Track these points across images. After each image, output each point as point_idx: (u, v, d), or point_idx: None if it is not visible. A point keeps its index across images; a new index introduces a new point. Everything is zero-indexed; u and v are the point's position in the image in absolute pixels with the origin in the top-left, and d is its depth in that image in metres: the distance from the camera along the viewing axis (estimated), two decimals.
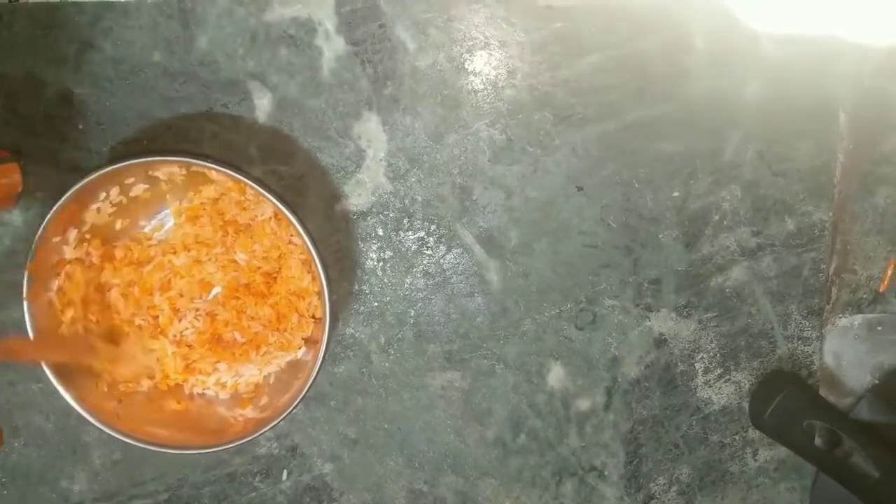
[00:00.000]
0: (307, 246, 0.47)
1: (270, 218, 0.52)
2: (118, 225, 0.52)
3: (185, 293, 0.53)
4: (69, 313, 0.50)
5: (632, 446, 0.59)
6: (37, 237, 0.47)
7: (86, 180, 0.46)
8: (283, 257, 0.53)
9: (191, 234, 0.53)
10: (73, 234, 0.50)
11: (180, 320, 0.53)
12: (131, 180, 0.51)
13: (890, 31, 0.53)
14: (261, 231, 0.52)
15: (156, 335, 0.53)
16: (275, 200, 0.46)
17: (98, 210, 0.51)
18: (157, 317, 0.53)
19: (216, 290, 0.53)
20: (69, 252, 0.50)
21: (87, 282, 0.51)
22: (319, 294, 0.48)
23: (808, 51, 0.53)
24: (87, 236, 0.51)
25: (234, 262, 0.53)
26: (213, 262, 0.53)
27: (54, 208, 0.46)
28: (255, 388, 0.54)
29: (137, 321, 0.53)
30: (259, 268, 0.53)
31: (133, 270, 0.52)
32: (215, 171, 0.49)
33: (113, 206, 0.51)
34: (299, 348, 0.54)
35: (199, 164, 0.48)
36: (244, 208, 0.53)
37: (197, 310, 0.53)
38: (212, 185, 0.52)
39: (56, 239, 0.49)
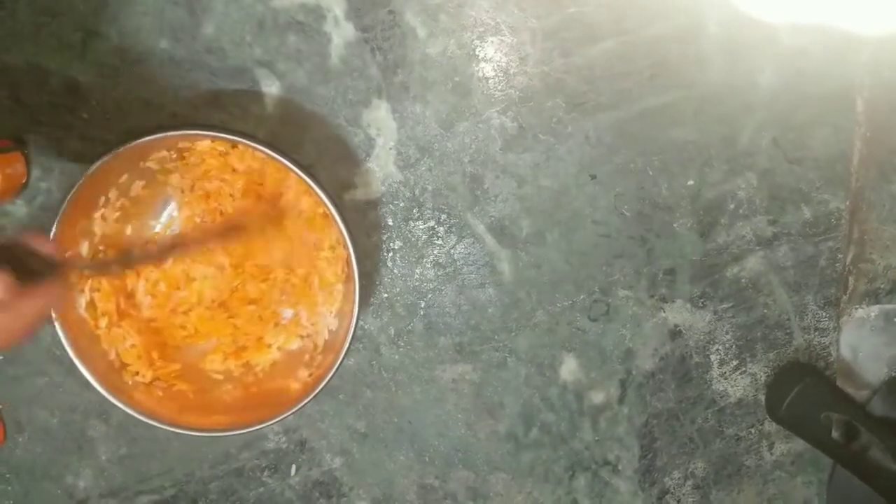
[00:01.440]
0: (333, 217, 0.45)
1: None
2: (128, 230, 0.52)
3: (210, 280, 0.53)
4: (103, 323, 0.50)
5: (646, 440, 0.58)
6: None
7: (92, 166, 0.45)
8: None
9: (198, 214, 0.52)
10: (84, 245, 0.49)
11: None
12: (125, 178, 0.49)
13: None
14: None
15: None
16: (297, 170, 0.45)
17: (103, 217, 0.49)
18: (191, 310, 0.53)
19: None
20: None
21: (115, 291, 0.51)
22: (344, 269, 0.47)
23: (824, 37, 0.52)
24: (101, 248, 0.50)
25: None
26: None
27: (58, 216, 0.45)
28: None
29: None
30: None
31: (154, 268, 0.52)
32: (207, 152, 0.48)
33: (116, 210, 0.50)
34: (328, 325, 0.54)
35: (214, 136, 0.47)
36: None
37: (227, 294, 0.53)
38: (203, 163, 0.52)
39: (68, 254, 0.48)
